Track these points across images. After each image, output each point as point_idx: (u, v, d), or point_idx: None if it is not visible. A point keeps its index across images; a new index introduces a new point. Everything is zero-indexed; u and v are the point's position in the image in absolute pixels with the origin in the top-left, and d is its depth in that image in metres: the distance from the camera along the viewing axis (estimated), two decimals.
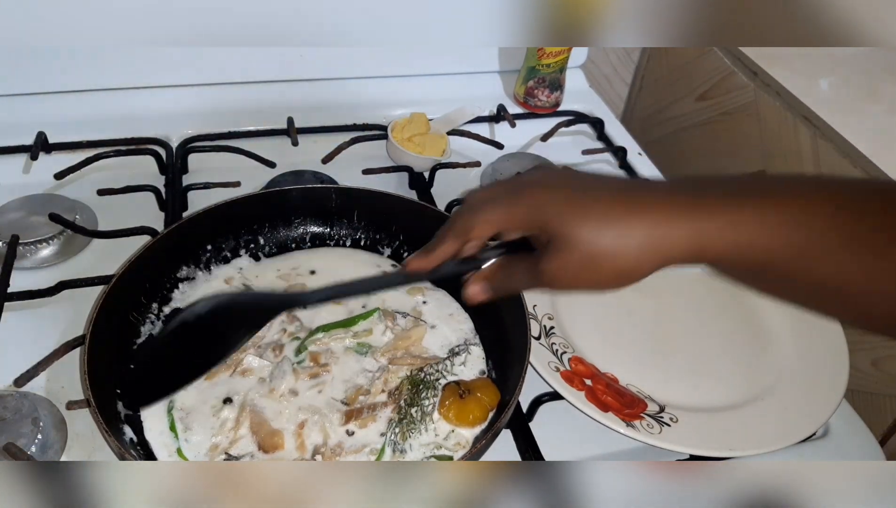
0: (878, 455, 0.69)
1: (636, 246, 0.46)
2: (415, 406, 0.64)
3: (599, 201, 0.47)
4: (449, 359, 0.69)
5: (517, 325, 0.65)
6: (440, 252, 0.53)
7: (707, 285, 0.83)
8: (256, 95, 1.04)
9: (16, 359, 0.65)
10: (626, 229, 0.46)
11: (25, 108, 0.96)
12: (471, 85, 1.13)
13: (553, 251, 0.48)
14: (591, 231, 0.46)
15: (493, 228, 0.52)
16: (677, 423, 0.65)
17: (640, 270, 0.47)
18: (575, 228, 0.47)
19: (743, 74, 1.13)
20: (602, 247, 0.46)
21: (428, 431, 0.63)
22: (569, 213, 0.47)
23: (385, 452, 0.61)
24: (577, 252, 0.47)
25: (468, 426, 0.63)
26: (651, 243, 0.46)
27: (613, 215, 0.46)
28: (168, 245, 0.71)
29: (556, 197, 0.48)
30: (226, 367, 0.65)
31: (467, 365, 0.69)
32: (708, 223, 0.45)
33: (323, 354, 0.68)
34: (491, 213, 0.51)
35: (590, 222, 0.47)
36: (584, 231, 0.46)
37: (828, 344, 0.74)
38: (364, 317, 0.72)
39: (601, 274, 0.47)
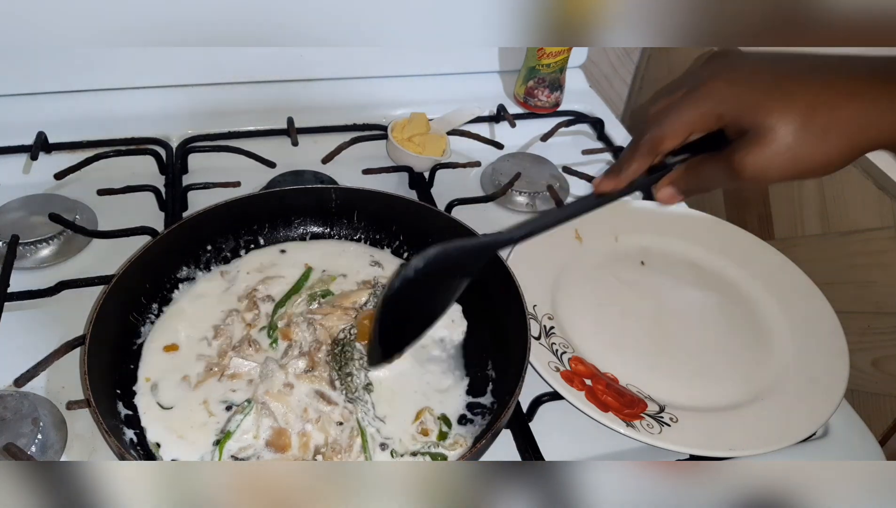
0: (878, 455, 0.69)
1: (844, 133, 0.45)
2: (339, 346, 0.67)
3: (804, 87, 0.46)
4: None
5: (517, 325, 0.65)
6: (632, 171, 0.53)
7: (707, 285, 0.83)
8: (256, 95, 1.04)
9: (16, 359, 0.65)
10: (833, 116, 0.45)
11: (25, 108, 0.96)
12: (471, 85, 1.13)
13: (752, 144, 0.47)
14: (797, 119, 0.45)
15: (683, 134, 0.51)
16: (677, 423, 0.65)
17: (846, 156, 0.46)
18: (778, 118, 0.46)
19: None
20: (810, 135, 0.45)
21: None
22: (769, 102, 0.46)
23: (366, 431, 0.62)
24: (782, 142, 0.46)
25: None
26: (859, 130, 0.45)
27: (819, 103, 0.45)
28: (168, 245, 0.71)
29: (753, 86, 0.47)
30: (212, 373, 0.66)
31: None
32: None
33: (292, 327, 0.69)
34: (678, 119, 0.50)
35: (793, 111, 0.45)
36: (788, 121, 0.45)
37: (828, 344, 0.74)
38: (305, 278, 0.75)
39: (807, 162, 0.46)
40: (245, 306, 0.72)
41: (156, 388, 0.64)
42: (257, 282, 0.75)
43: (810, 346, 0.75)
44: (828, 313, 0.77)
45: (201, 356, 0.67)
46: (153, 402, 0.63)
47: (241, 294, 0.73)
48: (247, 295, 0.73)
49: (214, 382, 0.65)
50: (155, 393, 0.64)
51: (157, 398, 0.63)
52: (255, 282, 0.75)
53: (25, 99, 0.96)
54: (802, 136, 0.45)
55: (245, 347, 0.68)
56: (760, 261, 0.85)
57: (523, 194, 0.93)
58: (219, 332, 0.69)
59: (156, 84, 1.01)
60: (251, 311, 0.71)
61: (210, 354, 0.67)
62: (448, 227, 0.76)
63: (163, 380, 0.65)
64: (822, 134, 0.45)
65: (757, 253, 0.86)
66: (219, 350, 0.68)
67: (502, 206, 0.93)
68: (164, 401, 0.63)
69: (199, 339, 0.69)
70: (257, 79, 1.05)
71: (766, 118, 0.46)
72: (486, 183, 0.97)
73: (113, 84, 0.99)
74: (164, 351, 0.67)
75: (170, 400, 0.63)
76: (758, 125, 0.46)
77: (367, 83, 1.08)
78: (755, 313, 0.80)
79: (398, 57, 1.08)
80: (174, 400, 0.63)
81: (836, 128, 0.45)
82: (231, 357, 0.66)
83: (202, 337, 0.69)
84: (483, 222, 0.79)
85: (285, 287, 0.74)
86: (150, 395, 0.63)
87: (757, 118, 0.46)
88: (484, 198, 0.91)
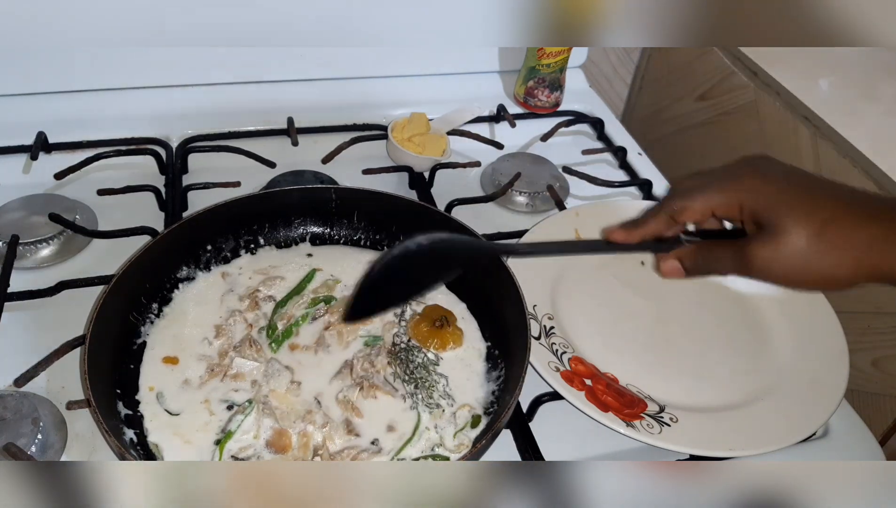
0: (878, 455, 0.69)
1: (853, 252, 0.47)
2: (414, 368, 0.68)
3: (829, 202, 0.48)
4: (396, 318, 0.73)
5: (517, 325, 0.65)
6: (646, 229, 0.56)
7: (707, 286, 0.83)
8: (256, 95, 1.04)
9: (16, 359, 0.65)
10: (847, 234, 0.47)
11: (25, 108, 0.96)
12: (471, 85, 1.13)
13: (767, 239, 0.49)
14: (814, 228, 0.47)
15: (705, 211, 0.54)
16: (677, 423, 0.65)
17: (851, 276, 0.48)
18: (797, 221, 0.48)
19: (743, 74, 1.13)
20: (822, 244, 0.47)
21: (438, 377, 0.68)
22: (794, 204, 0.48)
23: (422, 418, 0.64)
24: (795, 245, 0.48)
25: (455, 346, 0.70)
26: (868, 253, 0.47)
27: (837, 218, 0.48)
28: (168, 245, 0.71)
29: (781, 188, 0.50)
30: (214, 374, 0.66)
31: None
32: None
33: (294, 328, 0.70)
34: (703, 196, 0.53)
35: (813, 220, 0.48)
36: (805, 225, 0.48)
37: (828, 344, 0.74)
38: (308, 279, 0.75)
39: (814, 271, 0.48)
40: (247, 307, 0.72)
41: (161, 396, 0.64)
42: (259, 283, 0.75)
43: (810, 346, 0.75)
44: (828, 314, 0.77)
45: (202, 356, 0.67)
46: (160, 409, 0.63)
47: (242, 295, 0.73)
48: (248, 295, 0.73)
49: (216, 382, 0.65)
50: (161, 401, 0.63)
51: (164, 406, 0.63)
52: (257, 283, 0.75)
53: (25, 99, 0.96)
54: (815, 243, 0.48)
55: (246, 347, 0.68)
56: None
57: (523, 194, 0.93)
58: (220, 332, 0.69)
59: (156, 84, 1.01)
60: (253, 311, 0.72)
61: (210, 354, 0.67)
62: (448, 227, 0.76)
63: (166, 389, 0.65)
64: (832, 248, 0.48)
65: None
66: (219, 350, 0.68)
67: (502, 206, 0.93)
68: (171, 408, 0.63)
69: (199, 340, 0.69)
70: (257, 79, 1.05)
71: (785, 218, 0.48)
72: (486, 183, 0.97)
73: (113, 84, 0.99)
74: (163, 363, 0.67)
75: (177, 407, 0.63)
76: (776, 224, 0.49)
77: (367, 83, 1.08)
78: (755, 314, 0.80)
79: (398, 57, 1.08)
80: (181, 406, 0.63)
81: (847, 246, 0.48)
82: (232, 358, 0.66)
83: (203, 338, 0.69)
84: (483, 222, 0.79)
85: (287, 288, 0.74)
86: (157, 403, 0.63)
87: (778, 217, 0.49)
88: (484, 198, 0.91)
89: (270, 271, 0.76)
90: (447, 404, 0.65)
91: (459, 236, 0.62)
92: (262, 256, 0.78)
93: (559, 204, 0.90)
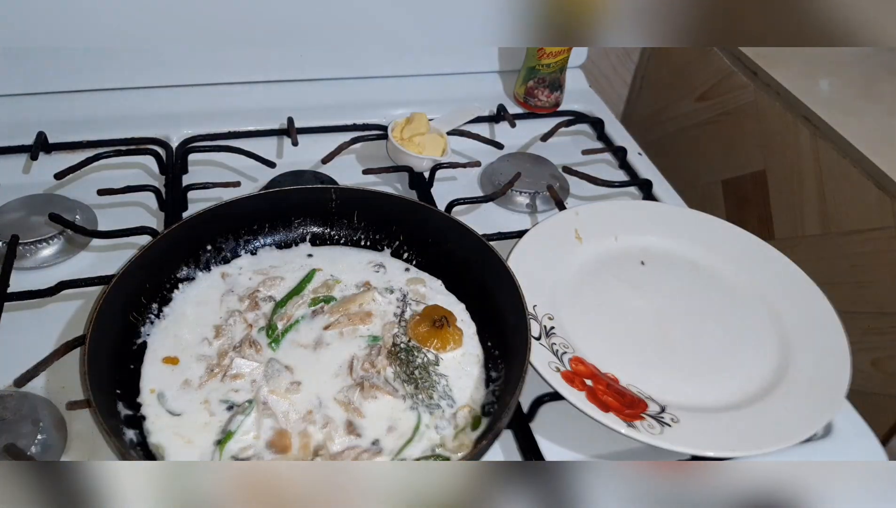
0: (880, 455, 0.69)
1: None
2: (414, 369, 0.67)
3: None
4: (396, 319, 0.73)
5: (517, 325, 0.65)
6: None
7: (707, 285, 0.83)
8: (256, 95, 1.04)
9: (16, 359, 0.65)
10: None
11: (25, 108, 0.96)
12: (471, 85, 1.13)
13: None
14: None
15: None
16: (678, 423, 0.65)
17: None
18: None
19: (743, 74, 1.13)
20: None
21: (438, 377, 0.68)
22: None
23: (423, 418, 0.64)
24: None
25: (455, 346, 0.70)
26: None
27: None
28: (168, 245, 0.71)
29: None
30: (214, 374, 0.66)
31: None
32: None
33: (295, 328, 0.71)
34: None
35: None
36: None
37: (829, 344, 0.74)
38: (308, 279, 0.75)
39: None
40: (247, 307, 0.72)
41: (162, 397, 0.64)
42: (258, 283, 0.74)
43: (811, 346, 0.75)
44: (828, 314, 0.77)
45: (202, 356, 0.67)
46: (163, 411, 0.63)
47: (242, 295, 0.73)
48: (248, 296, 0.73)
49: (216, 382, 0.65)
50: (163, 402, 0.63)
51: (165, 407, 0.63)
52: (257, 283, 0.75)
53: (25, 99, 0.96)
54: None
55: (246, 347, 0.68)
56: (760, 261, 0.84)
57: (523, 194, 0.93)
58: (220, 332, 0.69)
59: (156, 84, 1.01)
60: (252, 311, 0.71)
61: (210, 354, 0.67)
62: (448, 227, 0.76)
63: (167, 390, 0.64)
64: None
65: (757, 253, 0.85)
66: (219, 351, 0.68)
67: (502, 206, 0.93)
68: (172, 409, 0.63)
69: (199, 340, 0.69)
70: (257, 79, 1.05)
71: None
72: (485, 183, 0.97)
73: (113, 84, 0.99)
74: (163, 363, 0.67)
75: (178, 407, 0.63)
76: None
77: (367, 83, 1.08)
78: (755, 313, 0.80)
79: (398, 57, 1.08)
80: (182, 407, 0.63)
81: None
82: (232, 358, 0.66)
83: (203, 338, 0.69)
84: (483, 222, 0.79)
85: (286, 288, 0.74)
86: (158, 405, 0.63)
87: None
88: (484, 198, 0.91)
89: (270, 272, 0.76)
90: (447, 404, 0.65)
91: None
92: (262, 256, 0.78)
93: (559, 204, 0.90)
